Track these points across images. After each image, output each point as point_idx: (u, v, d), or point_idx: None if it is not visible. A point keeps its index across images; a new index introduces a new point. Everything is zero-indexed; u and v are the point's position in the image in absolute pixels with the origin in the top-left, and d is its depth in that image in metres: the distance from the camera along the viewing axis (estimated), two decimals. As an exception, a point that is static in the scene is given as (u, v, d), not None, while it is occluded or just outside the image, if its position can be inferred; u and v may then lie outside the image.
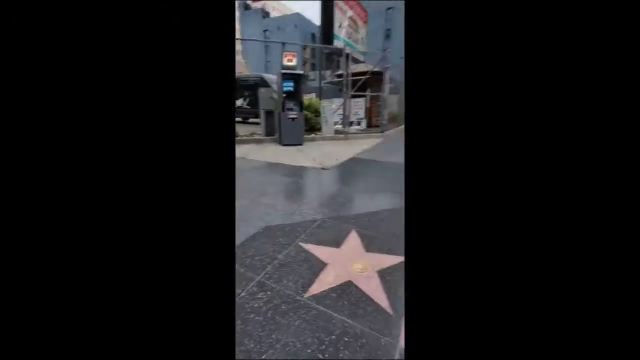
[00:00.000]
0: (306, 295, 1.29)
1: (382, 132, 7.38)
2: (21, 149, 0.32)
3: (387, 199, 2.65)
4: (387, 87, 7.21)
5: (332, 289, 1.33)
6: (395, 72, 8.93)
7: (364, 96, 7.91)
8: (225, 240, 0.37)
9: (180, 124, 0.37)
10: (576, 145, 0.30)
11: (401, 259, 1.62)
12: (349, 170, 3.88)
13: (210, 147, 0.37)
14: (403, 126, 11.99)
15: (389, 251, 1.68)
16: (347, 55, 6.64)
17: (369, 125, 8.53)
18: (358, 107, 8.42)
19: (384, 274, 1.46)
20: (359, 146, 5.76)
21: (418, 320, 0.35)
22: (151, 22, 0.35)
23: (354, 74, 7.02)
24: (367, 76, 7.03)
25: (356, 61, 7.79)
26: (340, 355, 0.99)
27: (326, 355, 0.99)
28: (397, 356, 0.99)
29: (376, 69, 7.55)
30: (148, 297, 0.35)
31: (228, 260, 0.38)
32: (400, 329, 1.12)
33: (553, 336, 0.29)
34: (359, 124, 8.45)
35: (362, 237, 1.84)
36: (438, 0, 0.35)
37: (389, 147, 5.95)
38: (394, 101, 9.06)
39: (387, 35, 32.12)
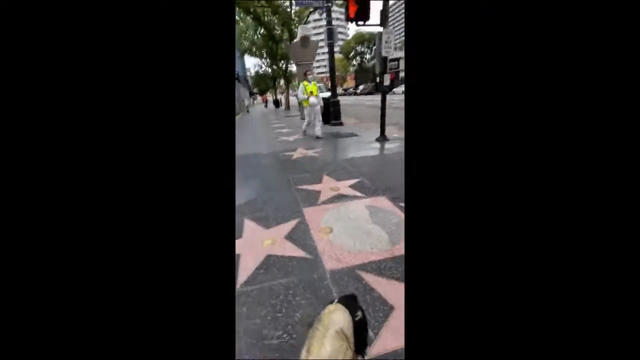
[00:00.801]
0: (238, 287, 1.31)
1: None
2: (18, 148, 0.32)
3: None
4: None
5: (257, 269, 1.43)
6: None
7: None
8: (225, 240, 0.37)
9: (179, 123, 0.36)
10: (578, 146, 0.30)
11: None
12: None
13: (209, 147, 0.37)
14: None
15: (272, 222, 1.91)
16: None
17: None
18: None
19: (290, 237, 1.69)
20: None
21: (418, 320, 0.35)
22: (151, 21, 0.34)
23: None
24: None
25: None
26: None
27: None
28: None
29: None
30: (146, 296, 0.34)
31: (228, 260, 0.37)
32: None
33: (554, 337, 0.30)
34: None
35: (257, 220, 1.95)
36: (438, 0, 0.35)
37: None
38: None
39: None
